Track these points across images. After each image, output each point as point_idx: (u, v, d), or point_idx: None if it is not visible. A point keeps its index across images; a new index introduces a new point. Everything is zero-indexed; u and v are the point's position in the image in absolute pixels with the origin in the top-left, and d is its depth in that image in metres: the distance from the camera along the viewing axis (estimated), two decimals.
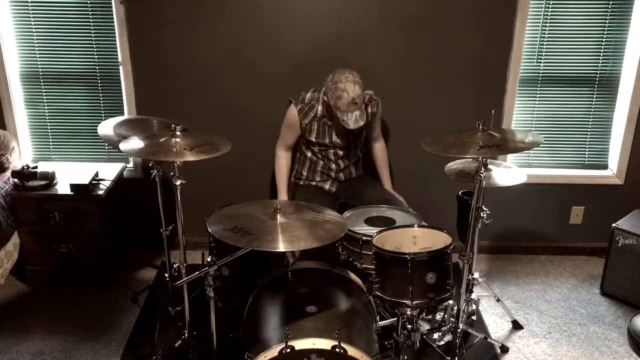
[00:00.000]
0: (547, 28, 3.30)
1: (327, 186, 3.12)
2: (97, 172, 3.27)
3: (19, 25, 3.30)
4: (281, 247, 1.95)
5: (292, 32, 3.24)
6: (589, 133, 3.54)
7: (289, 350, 1.90)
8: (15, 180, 3.15)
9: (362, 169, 3.22)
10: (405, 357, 2.28)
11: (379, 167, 3.24)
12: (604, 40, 3.33)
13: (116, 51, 3.32)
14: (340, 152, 3.04)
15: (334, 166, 3.08)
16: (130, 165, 3.57)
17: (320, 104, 2.93)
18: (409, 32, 3.26)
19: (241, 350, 2.14)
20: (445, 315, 2.81)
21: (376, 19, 3.23)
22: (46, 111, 3.49)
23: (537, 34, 3.31)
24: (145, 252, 3.60)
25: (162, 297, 3.02)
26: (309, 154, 3.10)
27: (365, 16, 3.21)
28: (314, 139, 2.98)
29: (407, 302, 2.13)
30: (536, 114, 3.49)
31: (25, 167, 3.18)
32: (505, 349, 2.80)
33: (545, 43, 3.33)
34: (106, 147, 3.54)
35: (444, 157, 2.65)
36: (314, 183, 3.12)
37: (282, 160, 3.11)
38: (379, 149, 3.22)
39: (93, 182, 3.18)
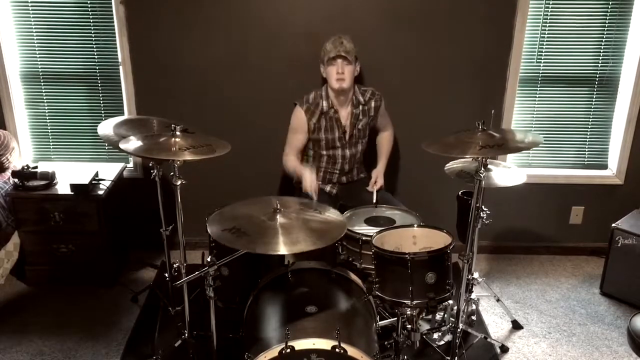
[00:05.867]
0: (547, 28, 3.30)
1: (328, 188, 3.13)
2: (97, 172, 3.27)
3: (19, 25, 3.30)
4: (281, 249, 1.94)
5: (292, 32, 3.24)
6: (588, 133, 3.54)
7: (289, 350, 1.90)
8: (15, 180, 3.15)
9: (364, 171, 3.23)
10: (405, 357, 2.28)
11: (378, 150, 3.27)
12: (604, 40, 3.33)
13: (116, 51, 3.32)
14: (348, 153, 3.05)
15: (338, 170, 3.09)
16: (130, 165, 3.57)
17: (324, 100, 2.97)
18: (409, 32, 3.26)
19: (241, 350, 2.14)
20: (445, 315, 2.81)
21: (376, 20, 3.23)
22: (46, 111, 3.49)
23: (537, 34, 3.31)
24: (145, 252, 3.60)
25: (162, 297, 3.03)
26: (311, 161, 3.11)
27: (365, 18, 3.21)
28: (322, 136, 2.99)
29: (407, 302, 2.13)
30: (536, 113, 3.49)
31: (25, 167, 3.18)
32: (505, 349, 2.80)
33: (545, 43, 3.33)
34: (106, 147, 3.54)
35: (443, 157, 2.65)
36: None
37: (292, 158, 3.07)
38: (385, 136, 3.26)
39: (93, 182, 3.18)
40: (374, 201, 2.94)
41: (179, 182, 2.33)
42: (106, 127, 2.82)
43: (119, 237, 3.43)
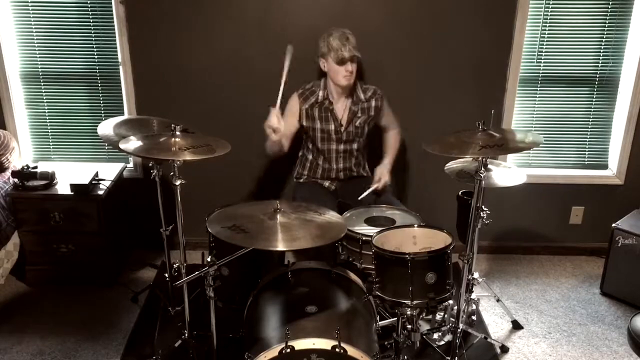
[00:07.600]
0: (547, 28, 3.30)
1: (326, 184, 3.13)
2: (97, 172, 3.27)
3: (19, 25, 3.30)
4: (279, 245, 1.94)
5: (292, 32, 3.24)
6: (589, 133, 3.54)
7: (289, 350, 1.90)
8: (15, 180, 3.15)
9: (365, 170, 3.22)
10: (405, 357, 2.28)
11: (384, 148, 3.19)
12: (604, 40, 3.33)
13: (116, 51, 3.32)
14: (342, 147, 3.04)
15: (334, 165, 3.08)
16: (130, 165, 3.57)
17: (321, 89, 2.98)
18: (409, 32, 3.26)
19: (241, 350, 2.14)
20: (445, 315, 2.81)
21: (376, 20, 3.23)
22: (46, 111, 3.49)
23: (537, 34, 3.31)
24: (145, 252, 3.60)
25: (162, 297, 3.03)
26: (310, 156, 3.11)
27: (366, 17, 3.21)
28: (317, 126, 2.99)
29: (407, 302, 2.13)
30: (536, 114, 3.49)
31: (25, 167, 3.18)
32: (505, 349, 2.80)
33: (545, 43, 3.33)
34: (106, 147, 3.54)
35: (443, 157, 2.65)
36: (314, 180, 3.13)
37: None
38: (390, 135, 3.20)
39: (93, 182, 3.18)
40: (361, 196, 2.89)
41: (179, 182, 2.33)
42: (106, 127, 2.82)
43: (119, 237, 3.43)
